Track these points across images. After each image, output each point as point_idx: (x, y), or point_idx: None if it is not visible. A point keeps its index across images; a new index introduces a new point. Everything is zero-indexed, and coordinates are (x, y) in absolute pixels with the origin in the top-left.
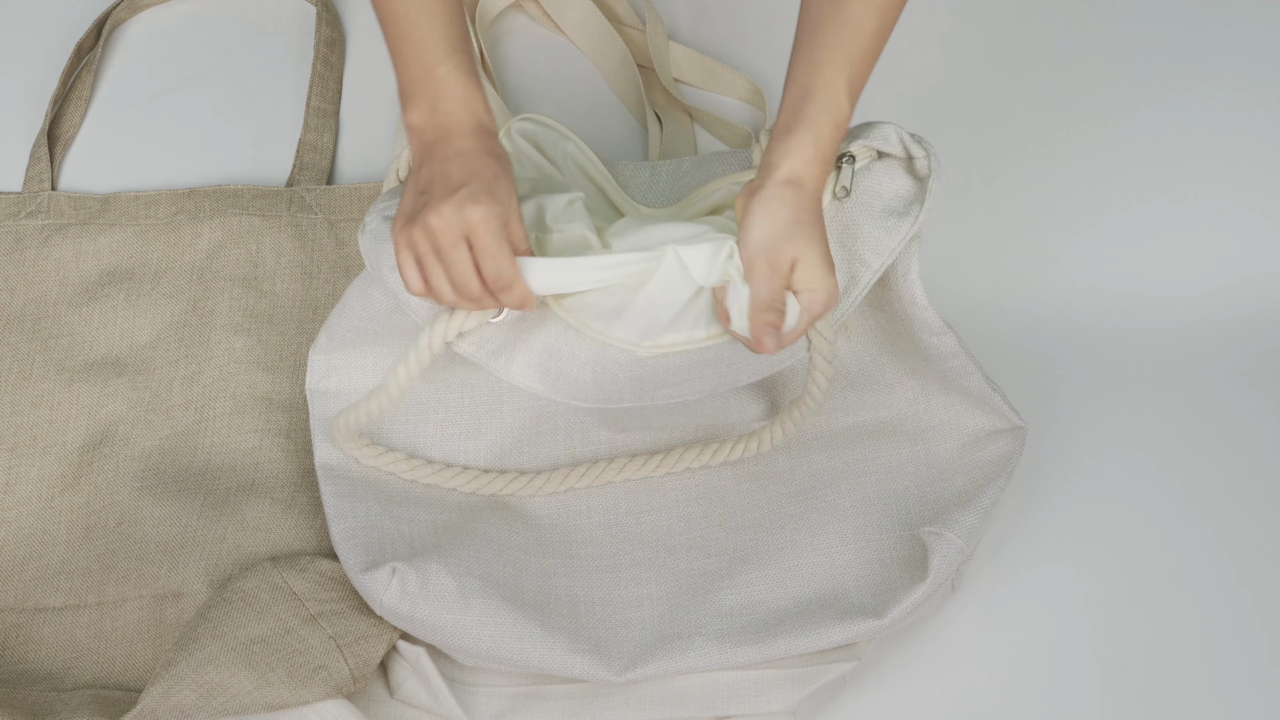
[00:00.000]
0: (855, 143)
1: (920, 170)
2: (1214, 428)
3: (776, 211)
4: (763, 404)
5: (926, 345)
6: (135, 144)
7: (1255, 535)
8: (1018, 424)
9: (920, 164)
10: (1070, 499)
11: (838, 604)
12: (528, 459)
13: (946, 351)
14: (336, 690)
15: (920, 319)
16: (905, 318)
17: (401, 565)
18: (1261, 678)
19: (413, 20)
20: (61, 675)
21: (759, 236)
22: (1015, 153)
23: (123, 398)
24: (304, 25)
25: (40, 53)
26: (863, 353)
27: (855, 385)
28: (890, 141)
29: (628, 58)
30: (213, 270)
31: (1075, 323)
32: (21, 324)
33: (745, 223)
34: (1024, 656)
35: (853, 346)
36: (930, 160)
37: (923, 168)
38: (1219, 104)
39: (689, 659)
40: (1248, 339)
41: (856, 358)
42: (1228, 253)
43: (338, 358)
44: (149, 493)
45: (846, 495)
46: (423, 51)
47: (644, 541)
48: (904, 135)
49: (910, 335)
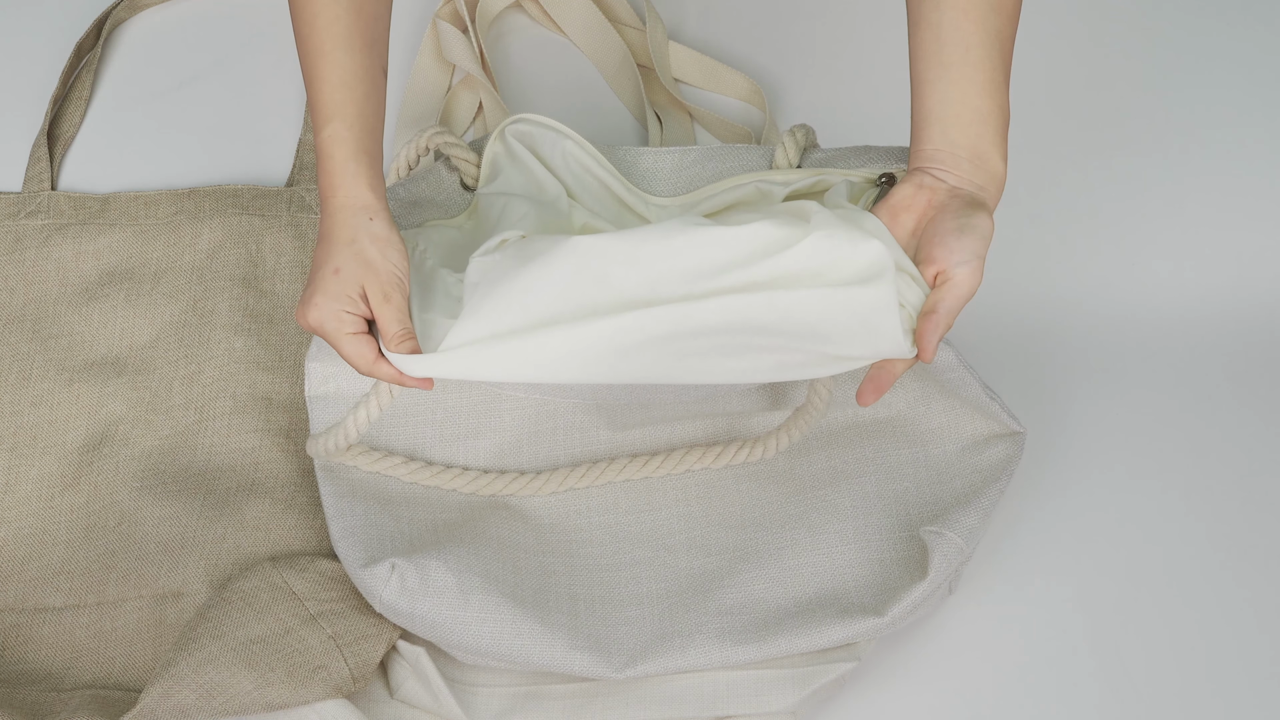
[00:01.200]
0: (897, 164)
1: None
2: (1213, 429)
3: (979, 240)
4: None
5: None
6: (135, 144)
7: (1253, 536)
8: (1017, 429)
9: None
10: (1069, 500)
11: (838, 603)
12: (527, 459)
13: (943, 365)
14: (336, 690)
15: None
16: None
17: (401, 561)
18: (1260, 677)
19: (309, 73)
20: (61, 675)
21: (959, 270)
22: (1015, 153)
23: (123, 398)
24: None
25: (40, 53)
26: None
27: (855, 378)
28: None
29: (628, 58)
30: (213, 270)
31: (1075, 324)
32: (21, 324)
33: (941, 240)
34: (1023, 657)
35: None
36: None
37: None
38: (1219, 104)
39: (689, 657)
40: (1247, 340)
41: None
42: (1227, 253)
43: (332, 364)
44: (149, 493)
45: (846, 495)
46: (315, 110)
47: (644, 540)
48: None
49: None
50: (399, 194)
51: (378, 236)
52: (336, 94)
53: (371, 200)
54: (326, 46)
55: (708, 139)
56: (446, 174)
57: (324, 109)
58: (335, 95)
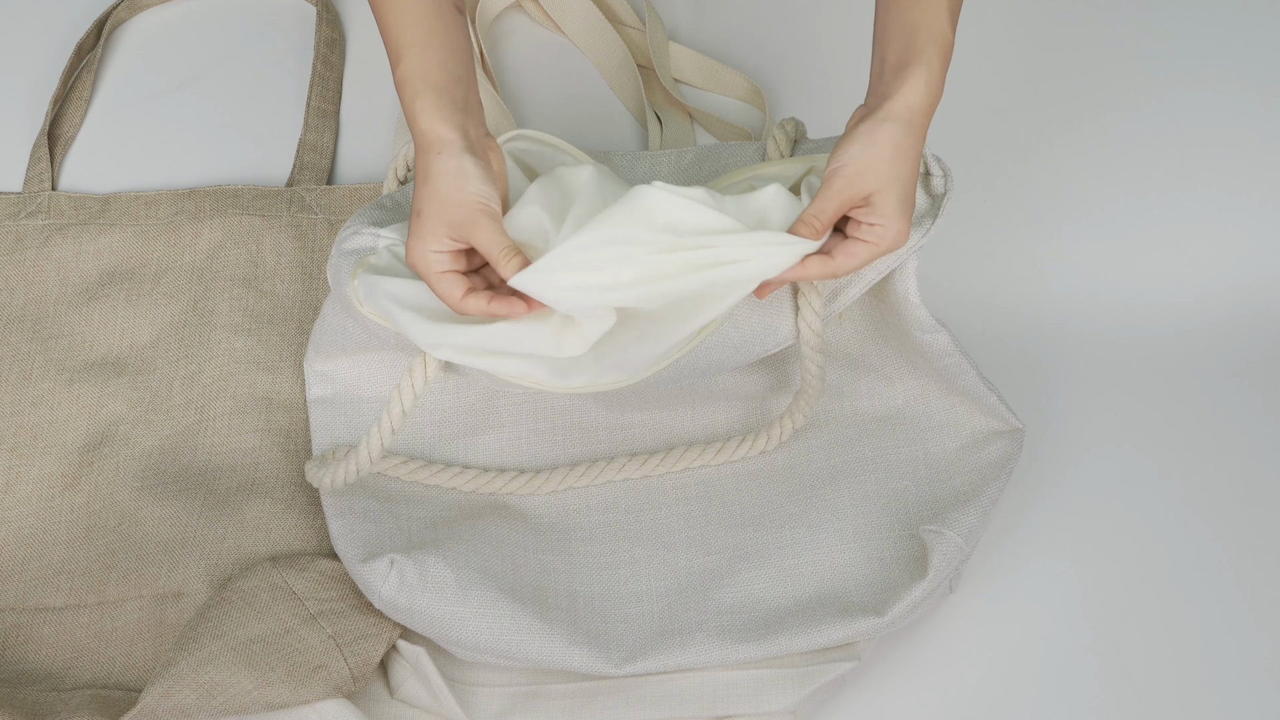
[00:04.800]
0: None
1: (935, 189)
2: (1212, 427)
3: (878, 143)
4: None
5: (920, 342)
6: (135, 144)
7: (1252, 534)
8: (1015, 425)
9: (936, 182)
10: (1068, 498)
11: (838, 602)
12: (526, 458)
13: (940, 349)
14: (336, 690)
15: (913, 316)
16: (899, 314)
17: (400, 557)
18: (1258, 675)
19: (387, 18)
20: (61, 675)
21: (849, 158)
22: (1015, 153)
23: (123, 398)
24: (304, 25)
25: (40, 53)
26: (864, 338)
27: (854, 368)
28: None
29: (628, 58)
30: (213, 270)
31: (1074, 323)
32: (21, 324)
33: (842, 143)
34: (1023, 656)
35: (855, 330)
36: (946, 181)
37: (938, 186)
38: (1218, 104)
39: (689, 655)
40: (1246, 339)
41: (859, 341)
42: (1226, 253)
43: (329, 365)
44: (149, 493)
45: (846, 494)
46: (387, 38)
47: (643, 539)
48: (928, 153)
49: (905, 331)
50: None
51: (447, 170)
52: (401, 35)
53: (441, 133)
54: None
55: (707, 139)
56: None
57: (391, 53)
58: (399, 37)
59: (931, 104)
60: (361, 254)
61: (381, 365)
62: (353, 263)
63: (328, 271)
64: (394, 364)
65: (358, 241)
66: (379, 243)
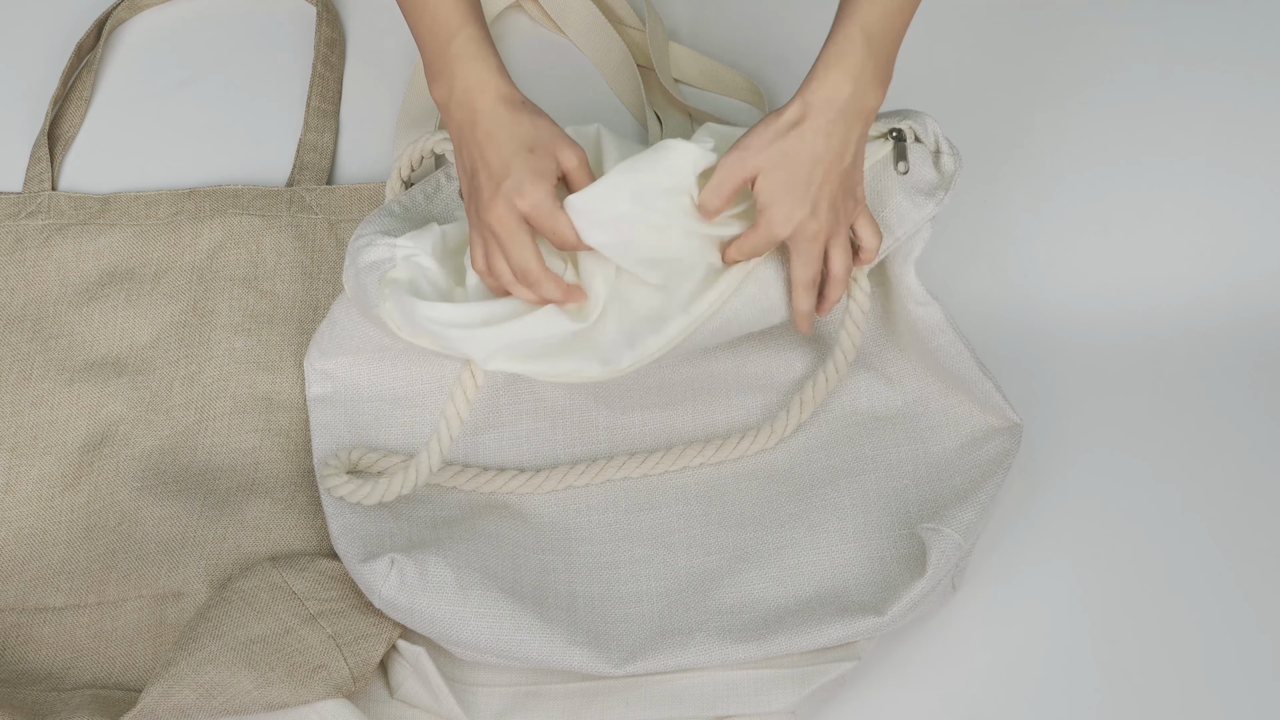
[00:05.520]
0: (904, 122)
1: (945, 167)
2: (1211, 427)
3: (771, 126)
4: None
5: (914, 316)
6: (135, 144)
7: (1251, 533)
8: (1014, 420)
9: (946, 160)
10: (1068, 498)
11: (838, 602)
12: (527, 457)
13: (934, 324)
14: (336, 690)
15: (905, 285)
16: (893, 284)
17: (400, 557)
18: (1258, 674)
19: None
20: (61, 675)
21: (747, 138)
22: (1015, 152)
23: (123, 398)
24: (304, 25)
25: (40, 53)
26: (866, 337)
27: (855, 367)
28: (928, 132)
29: (628, 58)
30: (213, 270)
31: (1073, 322)
32: (21, 324)
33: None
34: (1023, 655)
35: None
36: (955, 160)
37: (948, 165)
38: (1219, 104)
39: (689, 655)
40: (1245, 339)
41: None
42: (1226, 252)
43: (330, 363)
44: (149, 493)
45: (846, 493)
46: (436, 26)
47: (643, 539)
48: (939, 132)
49: (901, 309)
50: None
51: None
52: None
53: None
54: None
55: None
56: (445, 182)
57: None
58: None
59: (846, 96)
60: (380, 267)
61: (382, 364)
62: (376, 280)
63: (345, 283)
64: (395, 362)
65: (374, 254)
66: (396, 253)
